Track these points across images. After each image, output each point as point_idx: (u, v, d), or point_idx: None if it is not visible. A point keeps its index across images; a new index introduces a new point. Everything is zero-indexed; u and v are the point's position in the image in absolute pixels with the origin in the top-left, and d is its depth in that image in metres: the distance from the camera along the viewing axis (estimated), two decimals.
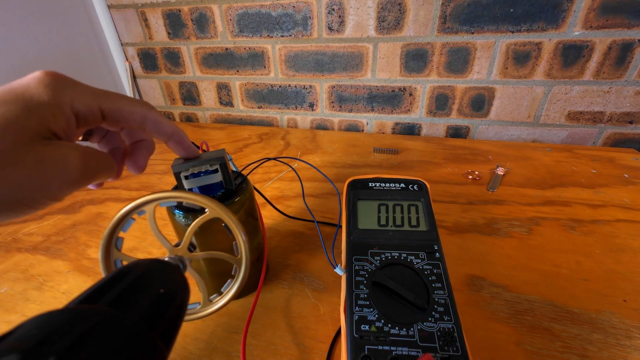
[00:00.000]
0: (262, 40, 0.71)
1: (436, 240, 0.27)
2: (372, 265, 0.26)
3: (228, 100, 0.83)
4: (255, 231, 0.31)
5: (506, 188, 0.48)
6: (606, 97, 0.59)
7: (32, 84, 0.17)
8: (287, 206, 0.46)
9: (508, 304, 0.30)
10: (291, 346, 0.28)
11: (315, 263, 0.36)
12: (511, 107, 0.64)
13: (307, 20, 0.66)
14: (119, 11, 0.77)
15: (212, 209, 0.22)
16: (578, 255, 0.36)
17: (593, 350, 0.26)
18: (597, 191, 0.47)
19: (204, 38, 0.75)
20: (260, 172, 0.57)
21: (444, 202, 0.46)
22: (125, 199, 0.51)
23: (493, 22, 0.57)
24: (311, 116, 0.78)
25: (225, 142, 0.71)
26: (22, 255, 0.40)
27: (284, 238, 0.40)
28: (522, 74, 0.60)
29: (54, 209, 0.49)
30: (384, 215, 0.29)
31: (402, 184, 0.32)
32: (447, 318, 0.22)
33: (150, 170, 0.60)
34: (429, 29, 0.61)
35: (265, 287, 0.33)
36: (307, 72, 0.72)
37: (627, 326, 0.28)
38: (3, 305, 0.33)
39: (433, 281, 0.24)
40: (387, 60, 0.66)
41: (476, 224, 0.41)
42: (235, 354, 0.27)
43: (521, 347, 0.27)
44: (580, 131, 0.63)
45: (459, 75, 0.64)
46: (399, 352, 0.21)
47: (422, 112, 0.70)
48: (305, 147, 0.66)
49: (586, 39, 0.55)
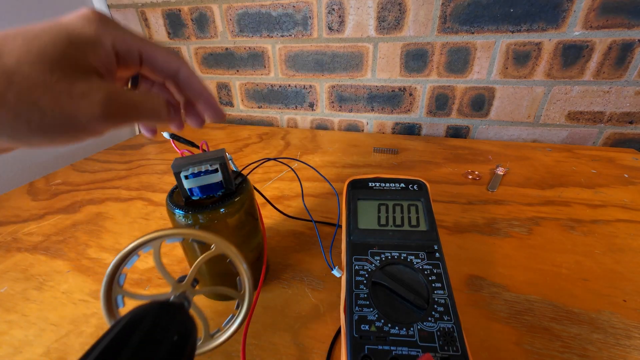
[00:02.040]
0: (262, 40, 0.71)
1: (436, 240, 0.27)
2: (372, 265, 0.26)
3: (228, 100, 0.83)
4: (255, 231, 0.31)
5: (506, 188, 0.49)
6: (606, 97, 0.59)
7: (77, 19, 0.18)
8: (287, 206, 0.46)
9: (508, 304, 0.30)
10: (291, 346, 0.28)
11: (315, 263, 0.36)
12: (511, 107, 0.64)
13: (307, 20, 0.66)
14: (119, 11, 0.77)
15: (217, 245, 0.22)
16: (578, 255, 0.36)
17: (593, 350, 0.26)
18: (597, 191, 0.47)
19: (204, 38, 0.75)
20: (260, 172, 0.57)
21: (444, 202, 0.46)
22: (125, 198, 0.51)
23: (493, 22, 0.57)
24: (311, 116, 0.78)
25: (225, 142, 0.71)
26: (22, 255, 0.40)
27: (284, 238, 0.40)
28: (522, 74, 0.60)
29: (53, 209, 0.49)
30: (384, 215, 0.29)
31: (402, 184, 0.32)
32: (447, 318, 0.22)
33: (150, 170, 0.60)
34: (429, 29, 0.61)
35: (265, 287, 0.33)
36: (307, 72, 0.72)
37: (626, 326, 0.28)
38: (3, 305, 0.33)
39: (433, 281, 0.24)
40: (387, 60, 0.66)
41: (476, 224, 0.41)
42: (235, 354, 0.27)
43: (521, 347, 0.27)
44: (580, 131, 0.63)
45: (459, 75, 0.64)
46: (398, 352, 0.21)
47: (422, 112, 0.70)
48: (305, 147, 0.66)
49: (586, 39, 0.55)
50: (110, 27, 0.19)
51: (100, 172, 0.61)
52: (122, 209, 0.48)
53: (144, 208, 0.48)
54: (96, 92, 0.18)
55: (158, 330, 0.14)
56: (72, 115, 0.17)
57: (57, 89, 0.16)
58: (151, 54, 0.21)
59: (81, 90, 0.17)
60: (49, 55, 0.17)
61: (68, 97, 0.17)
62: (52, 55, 0.17)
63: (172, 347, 0.14)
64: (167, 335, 0.15)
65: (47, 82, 0.16)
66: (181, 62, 0.22)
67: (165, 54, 0.22)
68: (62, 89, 0.17)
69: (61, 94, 0.16)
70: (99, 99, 0.18)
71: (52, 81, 0.16)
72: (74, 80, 0.17)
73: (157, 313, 0.15)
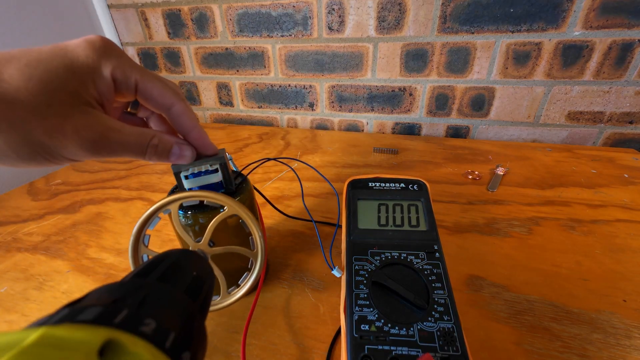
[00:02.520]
0: (262, 40, 0.71)
1: (436, 240, 0.27)
2: (372, 265, 0.26)
3: (228, 100, 0.83)
4: None
5: (506, 188, 0.48)
6: (606, 97, 0.59)
7: (82, 46, 0.19)
8: (287, 206, 0.46)
9: (508, 304, 0.30)
10: (291, 346, 0.28)
11: (315, 263, 0.36)
12: (511, 107, 0.64)
13: (307, 20, 0.66)
14: (118, 11, 0.77)
15: (230, 206, 0.23)
16: (578, 255, 0.36)
17: (593, 350, 0.26)
18: (597, 191, 0.47)
19: (204, 38, 0.75)
20: (260, 172, 0.57)
21: (444, 202, 0.46)
22: (125, 198, 0.51)
23: (493, 22, 0.57)
24: (311, 116, 0.78)
25: (225, 142, 0.71)
26: (22, 255, 0.40)
27: (284, 238, 0.40)
28: (522, 74, 0.60)
29: (53, 209, 0.49)
30: (383, 215, 0.29)
31: (402, 184, 0.32)
32: (447, 318, 0.22)
33: (150, 170, 0.60)
34: (429, 28, 0.61)
35: (265, 287, 0.33)
36: (307, 72, 0.72)
37: (626, 326, 0.28)
38: (3, 305, 0.33)
39: (433, 281, 0.24)
40: (387, 60, 0.66)
41: (476, 224, 0.41)
42: (235, 354, 0.27)
43: (521, 347, 0.27)
44: (580, 131, 0.63)
45: (459, 75, 0.64)
46: (398, 352, 0.21)
47: (422, 112, 0.70)
48: (305, 147, 0.66)
49: (586, 39, 0.55)
50: (112, 55, 0.19)
51: (100, 172, 0.61)
52: (122, 209, 0.48)
53: (144, 208, 0.48)
54: (89, 130, 0.18)
55: (181, 264, 0.17)
56: (60, 148, 0.17)
57: (52, 123, 0.17)
58: (146, 86, 0.21)
59: (74, 127, 0.17)
60: (50, 85, 0.17)
61: (61, 133, 0.17)
62: (53, 85, 0.17)
63: (192, 280, 0.16)
64: (188, 268, 0.17)
65: (44, 114, 0.16)
66: (176, 98, 0.22)
67: (161, 87, 0.21)
68: (57, 123, 0.17)
69: (54, 129, 0.17)
70: (90, 137, 0.18)
71: (48, 114, 0.16)
72: (70, 114, 0.17)
73: (180, 253, 0.18)
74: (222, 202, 0.23)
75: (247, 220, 0.24)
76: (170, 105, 0.22)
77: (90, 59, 0.18)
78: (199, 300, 0.16)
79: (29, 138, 0.16)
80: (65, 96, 0.17)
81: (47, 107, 0.16)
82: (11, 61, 0.16)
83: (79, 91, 0.18)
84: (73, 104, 0.17)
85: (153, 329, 0.11)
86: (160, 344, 0.11)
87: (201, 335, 0.14)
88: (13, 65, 0.16)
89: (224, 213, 0.24)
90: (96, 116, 0.18)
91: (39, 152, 0.17)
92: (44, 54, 0.17)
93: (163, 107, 0.22)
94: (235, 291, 0.25)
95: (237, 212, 0.23)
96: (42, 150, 0.17)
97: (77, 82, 0.18)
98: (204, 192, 0.23)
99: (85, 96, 0.18)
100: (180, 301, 0.14)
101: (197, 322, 0.14)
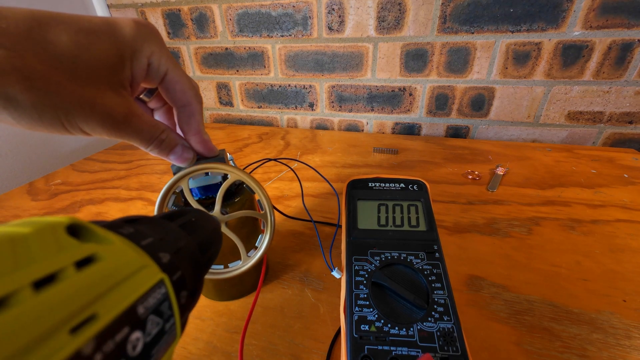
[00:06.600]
0: (262, 40, 0.71)
1: (436, 240, 0.27)
2: (372, 265, 0.26)
3: (228, 100, 0.83)
4: (255, 231, 0.31)
5: (506, 188, 0.48)
6: (606, 97, 0.59)
7: (131, 25, 0.19)
8: (286, 206, 0.46)
9: (508, 304, 0.30)
10: (291, 346, 0.28)
11: (315, 263, 0.36)
12: (511, 107, 0.64)
13: (307, 20, 0.66)
14: (118, 11, 0.77)
15: (233, 173, 0.24)
16: (578, 255, 0.36)
17: (593, 350, 0.26)
18: (596, 191, 0.47)
19: (203, 38, 0.75)
20: (260, 172, 0.57)
21: (443, 202, 0.46)
22: (125, 198, 0.51)
23: (493, 22, 0.57)
24: (311, 116, 0.78)
25: (225, 142, 0.71)
26: None
27: (284, 238, 0.40)
28: (522, 74, 0.60)
29: (53, 209, 0.49)
30: (383, 215, 0.29)
31: (401, 184, 0.32)
32: (446, 318, 0.22)
33: (149, 170, 0.60)
34: (429, 28, 0.61)
35: (265, 287, 0.33)
36: (307, 72, 0.72)
37: (626, 326, 0.28)
38: None
39: (433, 281, 0.24)
40: (387, 60, 0.66)
41: (476, 224, 0.41)
42: (234, 354, 0.27)
43: (521, 347, 0.27)
44: (580, 131, 0.63)
45: (458, 75, 0.64)
46: (398, 352, 0.21)
47: (422, 112, 0.70)
48: (305, 147, 0.66)
49: (586, 39, 0.55)
50: (153, 41, 0.20)
51: (99, 172, 0.61)
52: (122, 209, 0.48)
53: (144, 208, 0.48)
54: (116, 109, 0.18)
55: (198, 218, 0.18)
56: (83, 120, 0.17)
57: (86, 95, 0.17)
58: (173, 78, 0.21)
59: (104, 103, 0.18)
60: (95, 57, 0.17)
61: (90, 106, 0.17)
62: (98, 58, 0.17)
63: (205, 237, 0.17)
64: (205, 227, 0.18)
65: (81, 84, 0.17)
66: (195, 99, 0.22)
67: (185, 83, 0.22)
68: (90, 96, 0.17)
69: (86, 100, 0.17)
70: (115, 117, 0.18)
71: (85, 84, 0.17)
72: (104, 90, 0.18)
73: (200, 213, 0.19)
74: (226, 170, 0.24)
75: (251, 184, 0.25)
76: (187, 104, 0.22)
77: (135, 41, 0.19)
78: (205, 257, 0.17)
79: (58, 103, 0.16)
80: (105, 72, 0.17)
81: (87, 78, 0.17)
82: (61, 25, 0.16)
83: (117, 69, 0.18)
84: (110, 81, 0.18)
85: (167, 261, 0.12)
86: (172, 276, 0.12)
87: (199, 286, 0.15)
88: (62, 29, 0.16)
89: (229, 180, 0.24)
90: (125, 97, 0.19)
91: (60, 118, 0.17)
92: (95, 25, 0.18)
93: (179, 102, 0.22)
94: (254, 253, 0.27)
95: (240, 177, 0.24)
96: (65, 117, 0.17)
97: (117, 60, 0.18)
98: (208, 163, 0.24)
99: (121, 75, 0.18)
100: (193, 249, 0.15)
101: (201, 274, 0.15)
